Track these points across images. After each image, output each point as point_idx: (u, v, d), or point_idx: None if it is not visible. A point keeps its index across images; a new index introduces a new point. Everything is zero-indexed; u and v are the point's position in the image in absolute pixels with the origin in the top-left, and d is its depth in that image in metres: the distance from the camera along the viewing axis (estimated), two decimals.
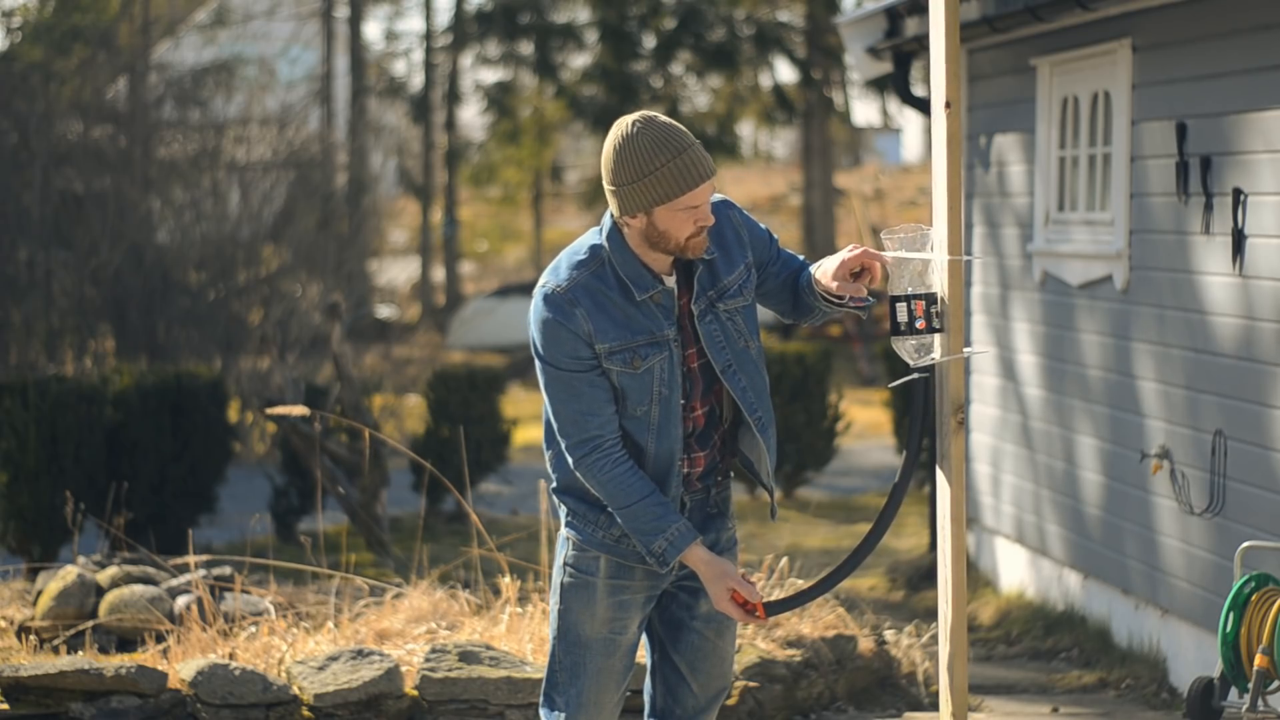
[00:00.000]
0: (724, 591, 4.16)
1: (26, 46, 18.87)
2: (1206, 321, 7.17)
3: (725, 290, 4.22)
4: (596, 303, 4.10)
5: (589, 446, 4.13)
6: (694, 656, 4.38)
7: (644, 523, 4.13)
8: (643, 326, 4.13)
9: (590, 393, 4.12)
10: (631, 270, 4.12)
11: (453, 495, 11.78)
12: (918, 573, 10.00)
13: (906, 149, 44.81)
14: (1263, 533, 6.65)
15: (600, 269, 4.13)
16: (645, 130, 4.02)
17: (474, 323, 26.87)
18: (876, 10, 9.73)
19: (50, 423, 10.25)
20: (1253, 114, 6.78)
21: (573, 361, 4.11)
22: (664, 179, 4.01)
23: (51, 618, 7.77)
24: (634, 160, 4.02)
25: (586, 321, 4.09)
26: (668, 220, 4.06)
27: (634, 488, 4.12)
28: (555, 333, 4.10)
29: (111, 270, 17.09)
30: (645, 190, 4.03)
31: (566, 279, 4.11)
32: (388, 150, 29.37)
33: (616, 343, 4.11)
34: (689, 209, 4.05)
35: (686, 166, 4.02)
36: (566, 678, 4.31)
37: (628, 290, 4.12)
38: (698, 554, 4.15)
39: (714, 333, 4.21)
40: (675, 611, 4.37)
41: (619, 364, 4.12)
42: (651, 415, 4.17)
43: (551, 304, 4.10)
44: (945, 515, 4.39)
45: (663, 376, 4.15)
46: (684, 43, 27.74)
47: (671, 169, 4.01)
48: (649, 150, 4.01)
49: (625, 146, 4.03)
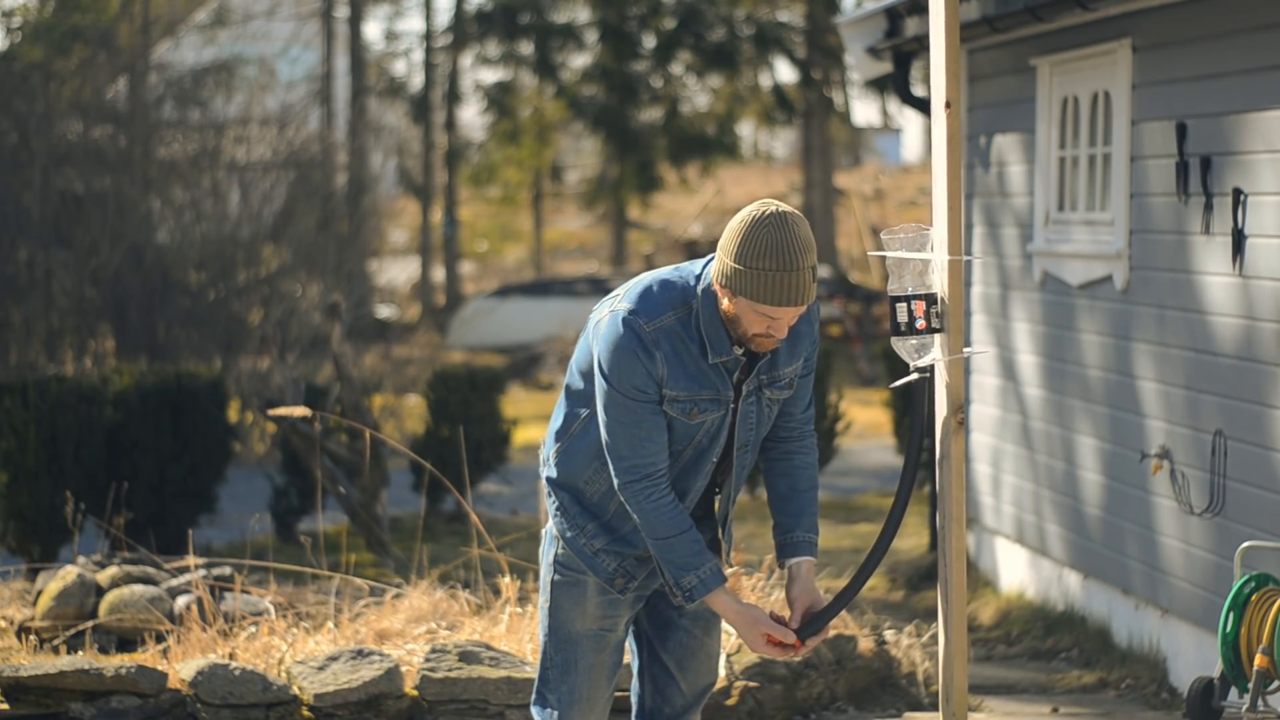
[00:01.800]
0: (759, 637, 4.22)
1: (26, 46, 18.85)
2: (1206, 321, 7.17)
3: (777, 380, 4.29)
4: (676, 351, 4.16)
5: (640, 474, 4.18)
6: (682, 654, 4.42)
7: (679, 557, 4.17)
8: (710, 383, 4.20)
9: (651, 420, 4.18)
10: (713, 331, 4.18)
11: (453, 495, 11.77)
12: (918, 573, 10.01)
13: (906, 149, 44.81)
14: (1263, 533, 6.65)
15: (687, 318, 4.19)
16: (776, 229, 4.05)
17: (474, 323, 26.86)
18: (876, 10, 9.73)
19: (50, 423, 10.25)
20: (1253, 114, 6.78)
21: (638, 393, 4.16)
22: (762, 282, 4.06)
23: (51, 618, 7.77)
24: (750, 248, 4.06)
25: (663, 366, 4.15)
26: (746, 311, 4.11)
27: (675, 521, 4.18)
28: (631, 364, 4.14)
29: (111, 270, 17.08)
30: (743, 278, 4.07)
31: (656, 319, 4.16)
32: (388, 150, 29.34)
33: (684, 393, 4.18)
34: (767, 317, 4.11)
35: (788, 286, 4.06)
36: (558, 674, 4.35)
37: (704, 348, 4.18)
38: (725, 601, 4.22)
39: (750, 414, 4.28)
40: (664, 610, 4.40)
41: (678, 411, 4.19)
42: (684, 456, 4.24)
43: (635, 337, 4.14)
44: (945, 515, 4.39)
45: (710, 431, 4.23)
46: (684, 43, 27.76)
47: (774, 279, 4.05)
48: (767, 250, 4.05)
49: (751, 231, 4.07)
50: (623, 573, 4.28)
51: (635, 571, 4.29)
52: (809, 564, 4.37)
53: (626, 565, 4.28)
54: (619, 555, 4.28)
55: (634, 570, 4.29)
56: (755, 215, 4.07)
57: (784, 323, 4.12)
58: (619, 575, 4.27)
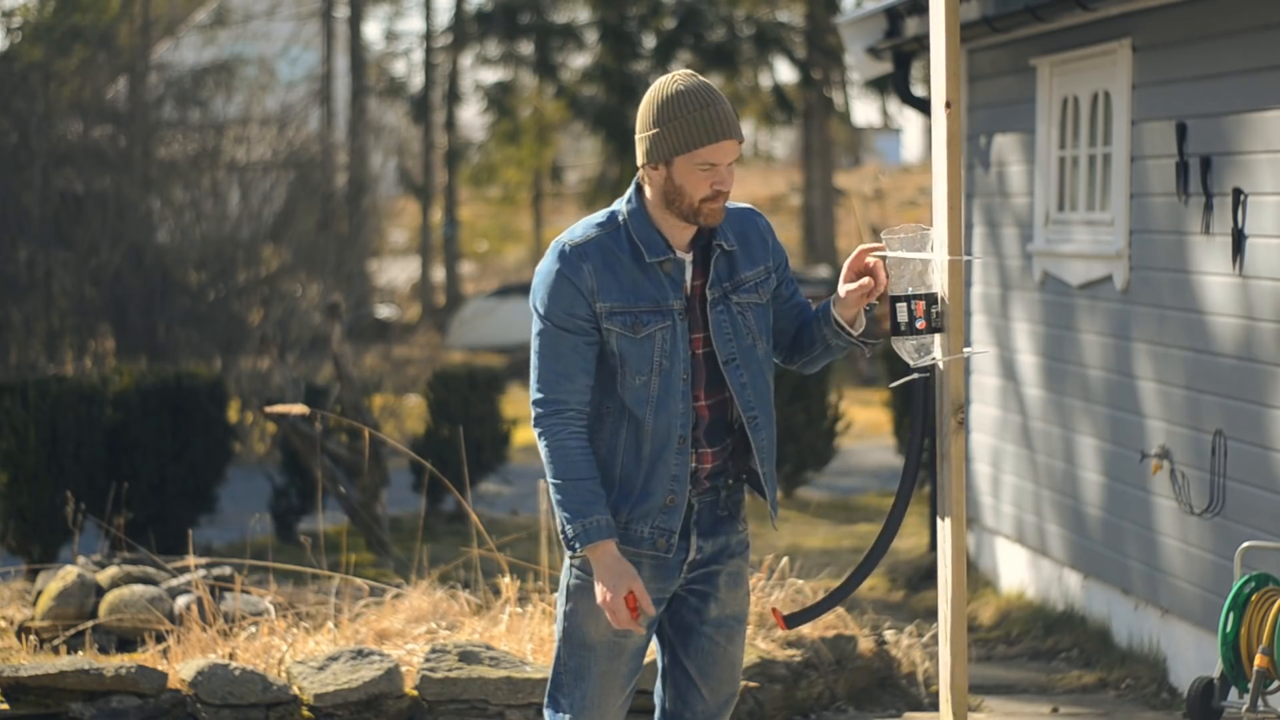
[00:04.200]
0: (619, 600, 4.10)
1: (26, 46, 18.86)
2: (1206, 321, 7.17)
3: (741, 284, 4.22)
4: (606, 262, 4.13)
5: (552, 408, 4.14)
6: (703, 661, 4.35)
7: (571, 502, 4.11)
8: (648, 293, 4.14)
9: (571, 356, 4.13)
10: (645, 234, 4.15)
11: (453, 495, 11.78)
12: (918, 573, 10.01)
13: (906, 149, 44.82)
14: (1263, 533, 6.65)
15: (615, 231, 4.17)
16: (679, 82, 4.10)
17: (474, 323, 26.87)
18: (876, 10, 9.73)
19: (50, 423, 10.25)
20: (1253, 114, 6.78)
21: (567, 318, 4.12)
22: (686, 127, 4.06)
23: (51, 618, 7.77)
24: (662, 106, 4.08)
25: (592, 278, 4.11)
26: (685, 175, 4.08)
27: (578, 464, 4.12)
28: (558, 285, 4.12)
29: (111, 270, 17.09)
30: (667, 136, 4.07)
31: (580, 236, 4.16)
32: (388, 150, 29.37)
33: (619, 303, 4.12)
34: (707, 166, 4.08)
35: (710, 120, 4.06)
36: (571, 680, 4.29)
37: (638, 253, 4.14)
38: (607, 550, 4.11)
39: (723, 323, 4.20)
40: (685, 616, 4.34)
41: (619, 325, 4.12)
42: (651, 387, 4.15)
43: (560, 257, 4.13)
44: (945, 515, 4.39)
45: (664, 347, 4.15)
46: (684, 43, 27.75)
47: (695, 119, 4.06)
48: (677, 98, 4.07)
49: (656, 92, 4.11)
50: (659, 532, 4.19)
51: (670, 524, 4.19)
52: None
53: (659, 523, 4.19)
54: (645, 516, 4.19)
55: (668, 523, 4.19)
56: (659, 83, 4.13)
57: (723, 171, 4.09)
58: (658, 536, 4.18)
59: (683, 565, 4.26)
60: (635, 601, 4.11)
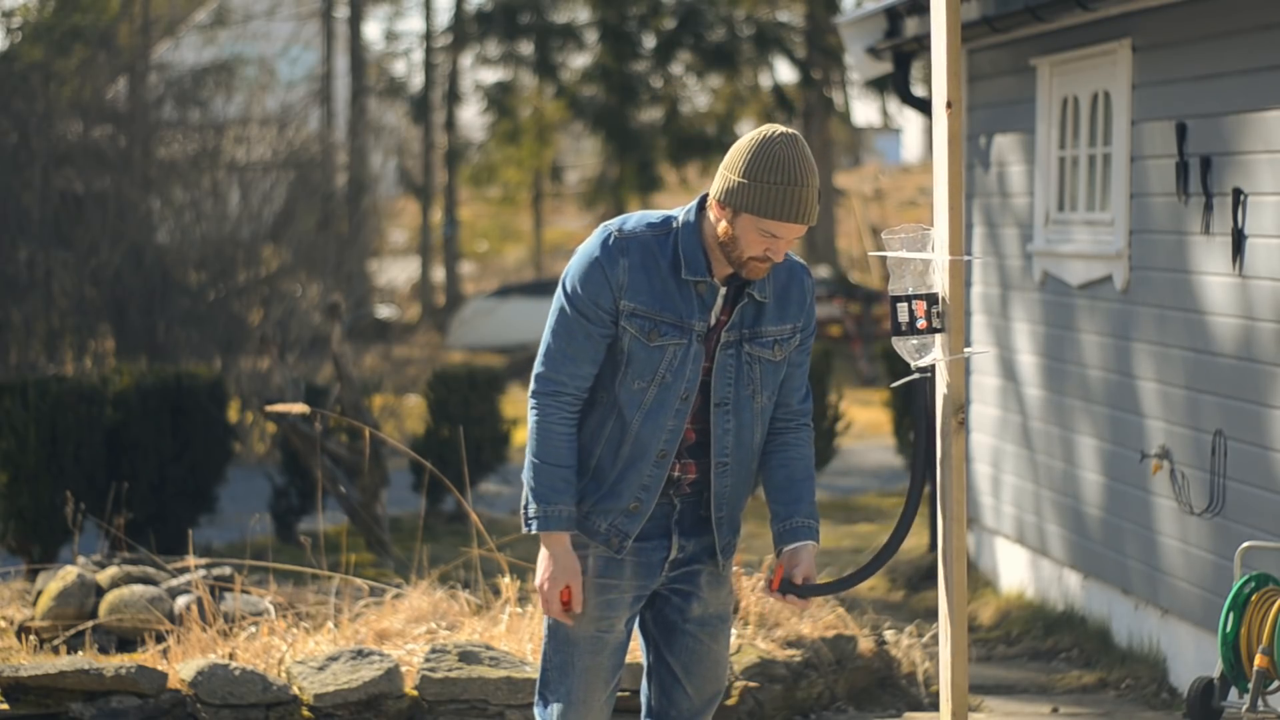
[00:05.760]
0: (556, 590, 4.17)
1: (26, 46, 18.86)
2: (1206, 322, 7.17)
3: (759, 336, 4.24)
4: (643, 262, 4.15)
5: (551, 387, 4.18)
6: (688, 659, 4.39)
7: (542, 485, 4.17)
8: (674, 306, 4.16)
9: (584, 343, 4.16)
10: (691, 251, 4.17)
11: (453, 495, 11.78)
12: (918, 573, 10.01)
13: (906, 149, 44.80)
14: (1263, 533, 6.66)
15: (664, 237, 4.19)
16: (786, 148, 4.08)
17: (474, 323, 26.86)
18: (876, 10, 9.73)
19: (50, 423, 10.24)
20: (1253, 114, 6.78)
21: (590, 305, 4.15)
22: (769, 195, 4.07)
23: (51, 618, 7.77)
24: (760, 164, 4.08)
25: (625, 274, 4.14)
26: (746, 230, 4.10)
27: (560, 451, 4.18)
28: (591, 271, 4.15)
29: (111, 270, 17.08)
30: (748, 192, 4.08)
31: (629, 229, 4.18)
32: (388, 150, 29.35)
33: (643, 306, 4.14)
34: (769, 235, 4.10)
35: (794, 200, 4.08)
36: (557, 675, 4.35)
37: (678, 265, 4.16)
38: (559, 541, 4.19)
39: (728, 367, 4.23)
40: (668, 614, 4.38)
41: (636, 328, 4.15)
42: (648, 395, 4.18)
43: (603, 244, 4.17)
44: (945, 515, 4.39)
45: (672, 363, 4.17)
46: (684, 43, 27.75)
47: (781, 192, 4.07)
48: (775, 164, 4.07)
49: (762, 148, 4.09)
50: (615, 531, 4.23)
51: (627, 528, 4.23)
52: (810, 547, 4.35)
53: (617, 523, 4.23)
54: (607, 513, 4.23)
55: (625, 527, 4.23)
56: (765, 134, 4.11)
57: (784, 244, 4.11)
58: (613, 535, 4.23)
59: (664, 564, 4.30)
60: (569, 596, 4.19)
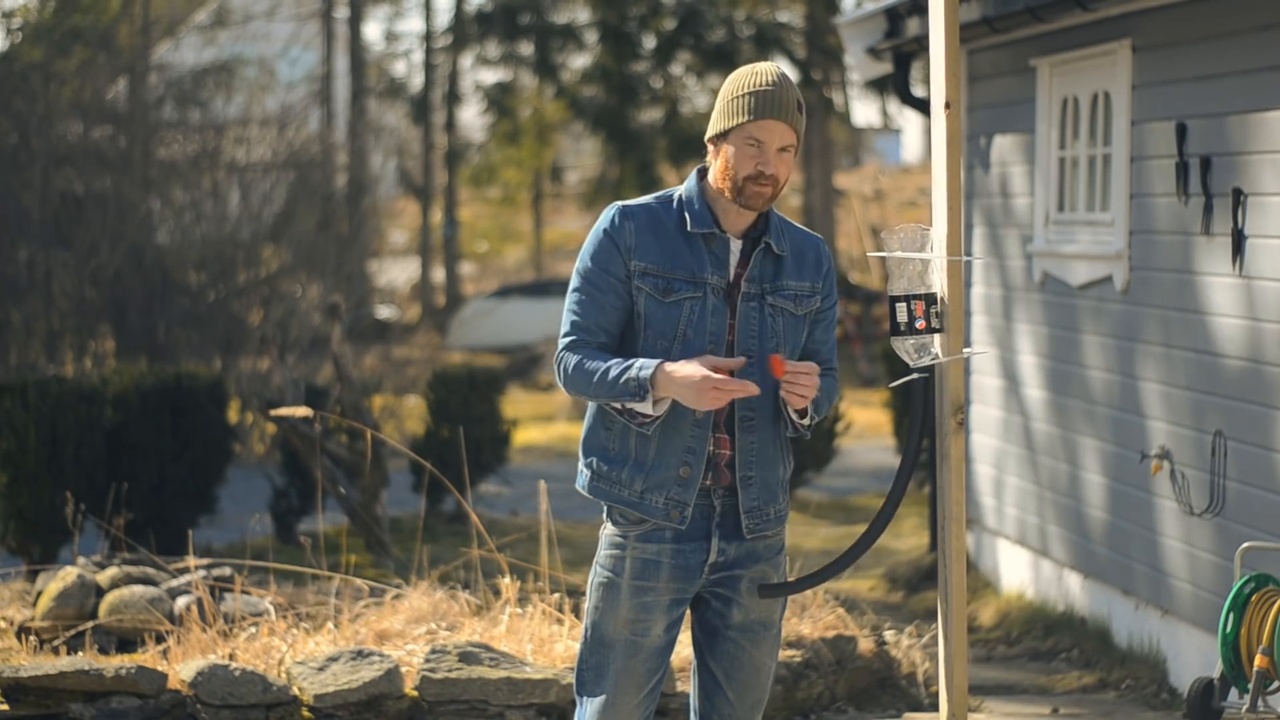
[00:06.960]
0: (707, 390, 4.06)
1: (26, 47, 18.85)
2: (1207, 322, 7.17)
3: (781, 289, 4.28)
4: (650, 224, 4.26)
5: (575, 336, 4.26)
6: (729, 665, 4.36)
7: (615, 373, 4.15)
8: (685, 261, 4.23)
9: (601, 299, 4.25)
10: (695, 209, 4.28)
11: (453, 496, 11.78)
12: (918, 574, 10.00)
13: (906, 149, 44.79)
14: (1263, 533, 6.66)
15: (668, 204, 4.32)
16: (754, 68, 4.27)
17: (474, 323, 26.86)
18: (876, 10, 9.73)
19: (50, 423, 10.24)
20: (1253, 114, 6.78)
21: (601, 272, 4.24)
22: (742, 104, 4.21)
23: (51, 618, 7.77)
24: (730, 85, 4.27)
25: (632, 236, 4.24)
26: (735, 150, 4.21)
27: (599, 357, 4.20)
28: (600, 243, 4.27)
29: (111, 271, 17.07)
30: (725, 113, 4.24)
31: (634, 202, 4.33)
32: (388, 151, 29.34)
33: (653, 265, 4.22)
34: (754, 143, 4.19)
35: (764, 100, 4.20)
36: (592, 676, 4.34)
37: (683, 223, 4.26)
38: (663, 367, 4.13)
39: (751, 318, 4.25)
40: (710, 619, 4.36)
41: (649, 286, 4.22)
42: (673, 354, 4.20)
43: (611, 216, 4.29)
44: (945, 516, 4.39)
45: (690, 317, 4.21)
46: (684, 43, 27.74)
47: (751, 98, 4.21)
48: (743, 78, 4.25)
49: (731, 77, 4.29)
50: (673, 504, 4.21)
51: (684, 497, 4.20)
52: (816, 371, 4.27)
53: (673, 495, 4.21)
54: (661, 486, 4.21)
55: (682, 496, 4.20)
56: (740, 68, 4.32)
57: (773, 153, 4.19)
58: (672, 508, 4.20)
59: (703, 567, 4.28)
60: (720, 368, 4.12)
